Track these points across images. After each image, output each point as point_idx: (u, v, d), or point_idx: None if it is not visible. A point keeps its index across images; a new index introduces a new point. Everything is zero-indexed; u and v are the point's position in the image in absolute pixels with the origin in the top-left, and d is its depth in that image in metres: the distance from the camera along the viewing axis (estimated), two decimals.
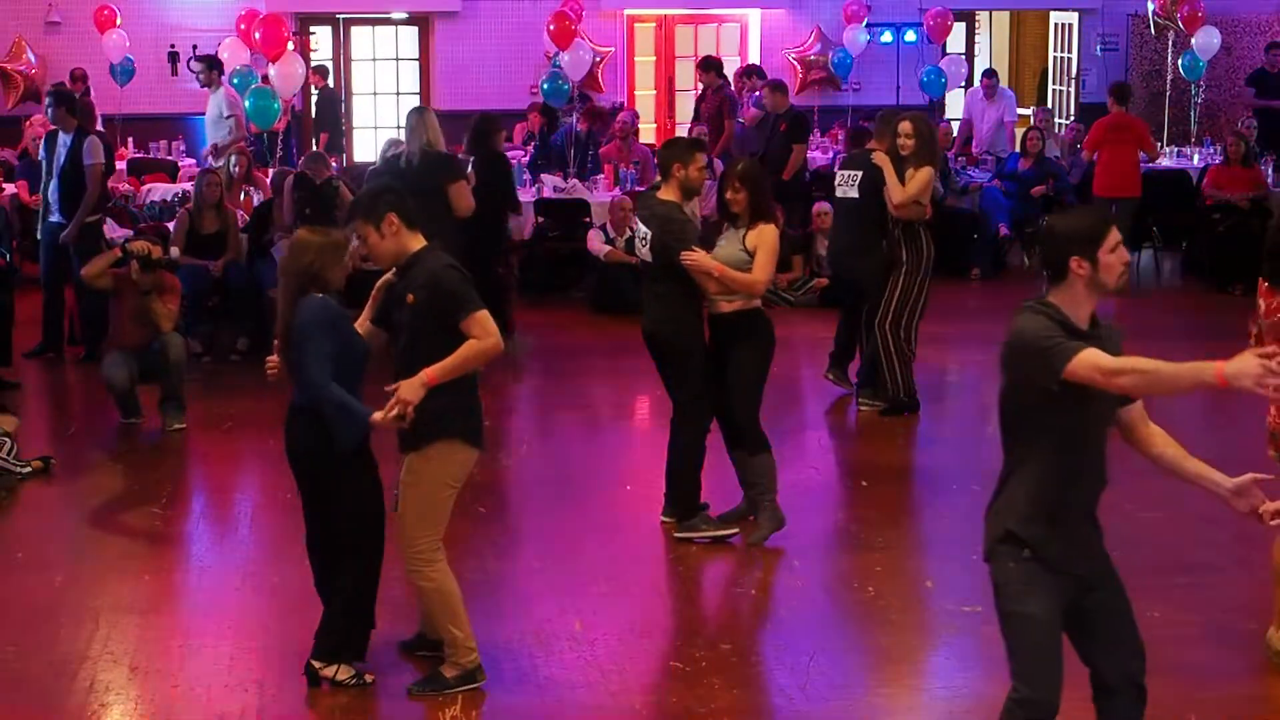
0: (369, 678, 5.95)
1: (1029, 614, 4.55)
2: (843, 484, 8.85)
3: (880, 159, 9.66)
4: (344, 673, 5.92)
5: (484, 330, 5.67)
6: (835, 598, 6.94)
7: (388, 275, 5.97)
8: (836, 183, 10.18)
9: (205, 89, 14.53)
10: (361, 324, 6.03)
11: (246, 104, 13.94)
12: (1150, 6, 17.00)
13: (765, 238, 7.41)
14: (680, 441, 7.58)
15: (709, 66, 16.40)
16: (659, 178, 7.65)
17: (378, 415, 5.59)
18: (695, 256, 7.29)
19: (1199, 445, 5.16)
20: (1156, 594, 6.81)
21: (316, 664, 5.93)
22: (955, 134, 16.99)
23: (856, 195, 9.87)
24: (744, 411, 7.53)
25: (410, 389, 5.56)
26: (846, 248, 10.19)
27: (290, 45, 16.46)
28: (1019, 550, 4.57)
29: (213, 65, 14.37)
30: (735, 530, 7.55)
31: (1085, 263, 4.45)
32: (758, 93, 15.82)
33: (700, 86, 16.62)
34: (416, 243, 5.77)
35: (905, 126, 9.65)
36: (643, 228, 7.51)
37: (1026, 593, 4.55)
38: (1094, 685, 4.69)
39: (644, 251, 7.51)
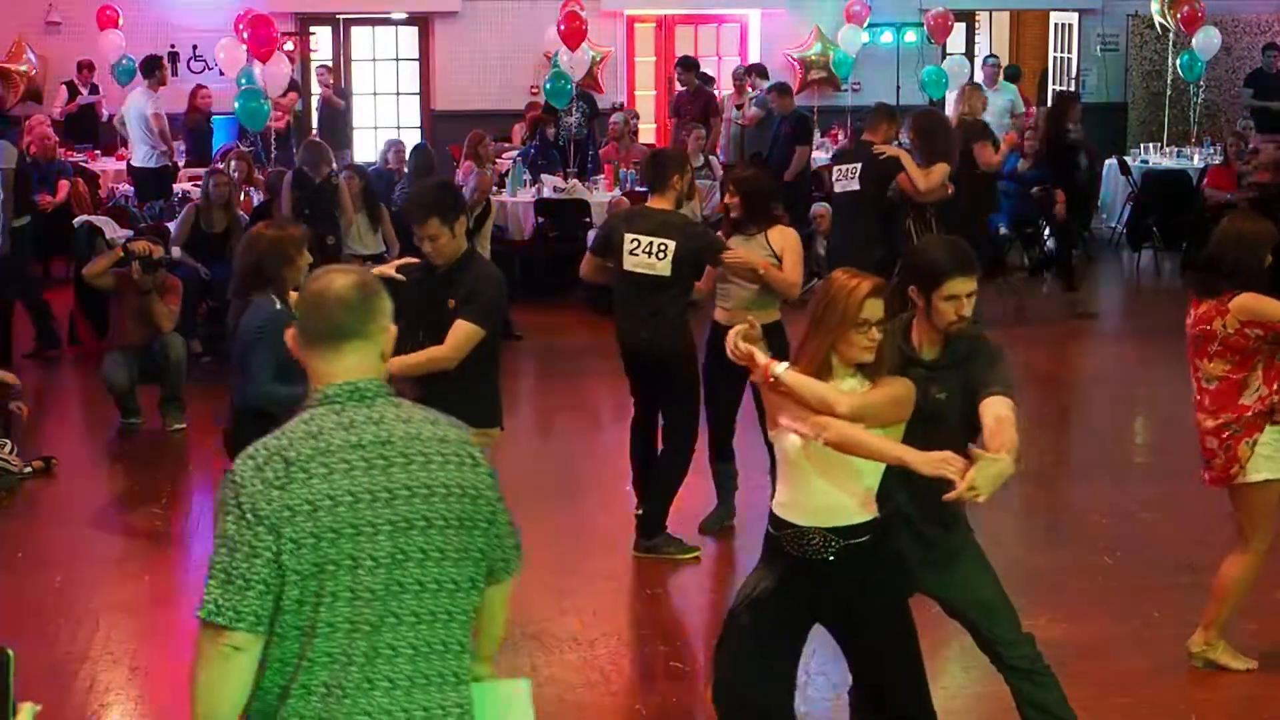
0: None
1: None
2: None
3: (895, 151, 9.70)
4: None
5: (454, 342, 5.80)
6: None
7: (386, 269, 6.03)
8: (834, 178, 10.14)
9: None
10: None
11: (236, 105, 14.00)
12: (1154, 7, 16.98)
13: (790, 240, 7.35)
14: (670, 460, 7.46)
15: (688, 66, 16.48)
16: (648, 187, 7.52)
17: None
18: (740, 254, 7.16)
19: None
20: (1156, 594, 6.83)
21: None
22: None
23: (858, 186, 9.84)
24: (719, 419, 7.57)
25: None
26: (847, 240, 10.05)
27: (290, 45, 16.51)
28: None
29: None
30: (697, 552, 7.46)
31: (921, 297, 4.50)
32: (759, 92, 15.84)
33: (679, 86, 16.73)
34: (465, 243, 5.97)
35: (908, 123, 9.85)
36: (649, 240, 7.17)
37: None
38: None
39: (660, 265, 7.15)
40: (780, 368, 4.31)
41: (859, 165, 9.85)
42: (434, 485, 3.09)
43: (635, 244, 7.23)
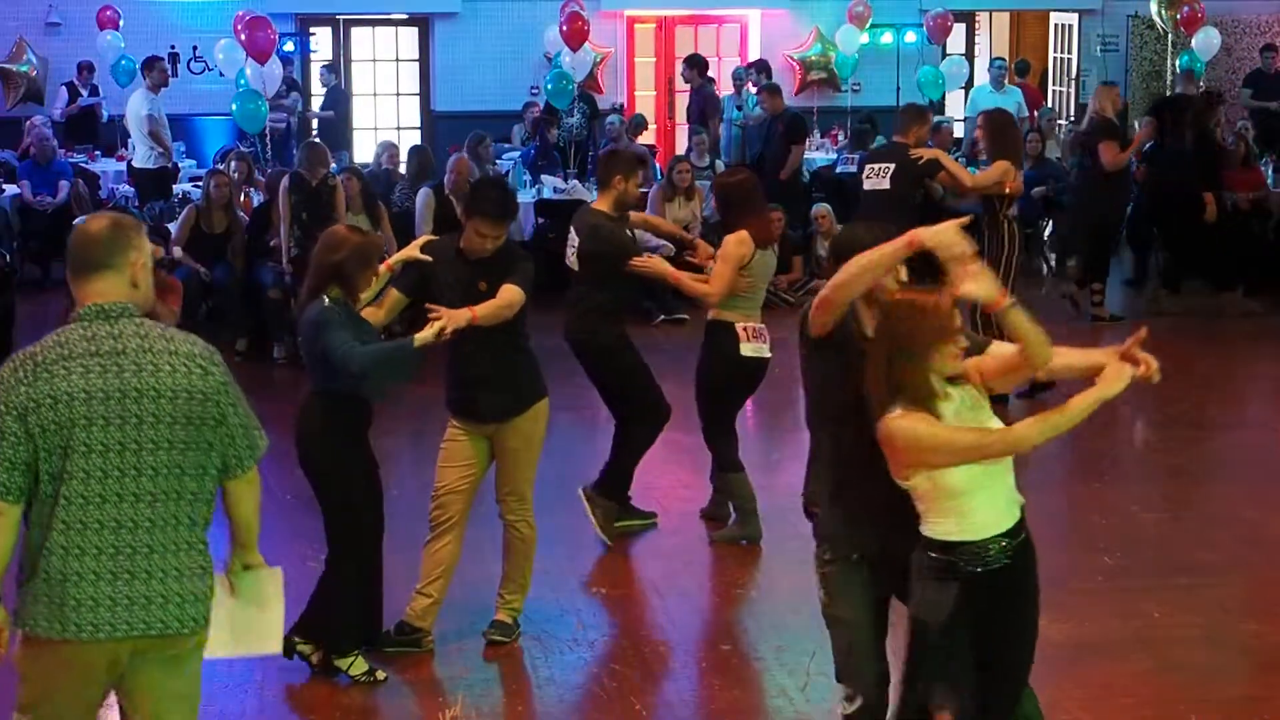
0: (380, 675, 5.97)
1: None
2: None
3: (933, 152, 9.79)
4: (358, 667, 5.93)
5: (510, 295, 5.97)
6: None
7: (409, 250, 6.18)
8: (864, 175, 10.22)
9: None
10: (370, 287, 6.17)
11: (234, 106, 14.00)
12: (1152, 8, 16.99)
13: (727, 247, 7.28)
14: (628, 439, 7.66)
15: (692, 64, 16.51)
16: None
17: (419, 334, 5.73)
18: (645, 262, 7.35)
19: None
20: (1156, 594, 6.82)
21: (334, 658, 5.97)
22: (960, 134, 16.98)
23: (888, 186, 9.88)
24: (703, 426, 7.61)
25: (457, 316, 5.75)
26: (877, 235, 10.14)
27: (290, 46, 16.50)
28: None
29: None
30: (653, 519, 7.68)
31: None
32: (755, 92, 15.85)
33: (683, 84, 16.79)
34: None
35: (979, 119, 10.33)
36: (572, 235, 7.50)
37: None
38: None
39: (572, 260, 7.50)
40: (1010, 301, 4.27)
41: (891, 165, 9.88)
42: (161, 388, 3.84)
43: (570, 237, 7.59)
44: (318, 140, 13.15)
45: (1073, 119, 18.23)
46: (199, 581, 3.95)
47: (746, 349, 7.35)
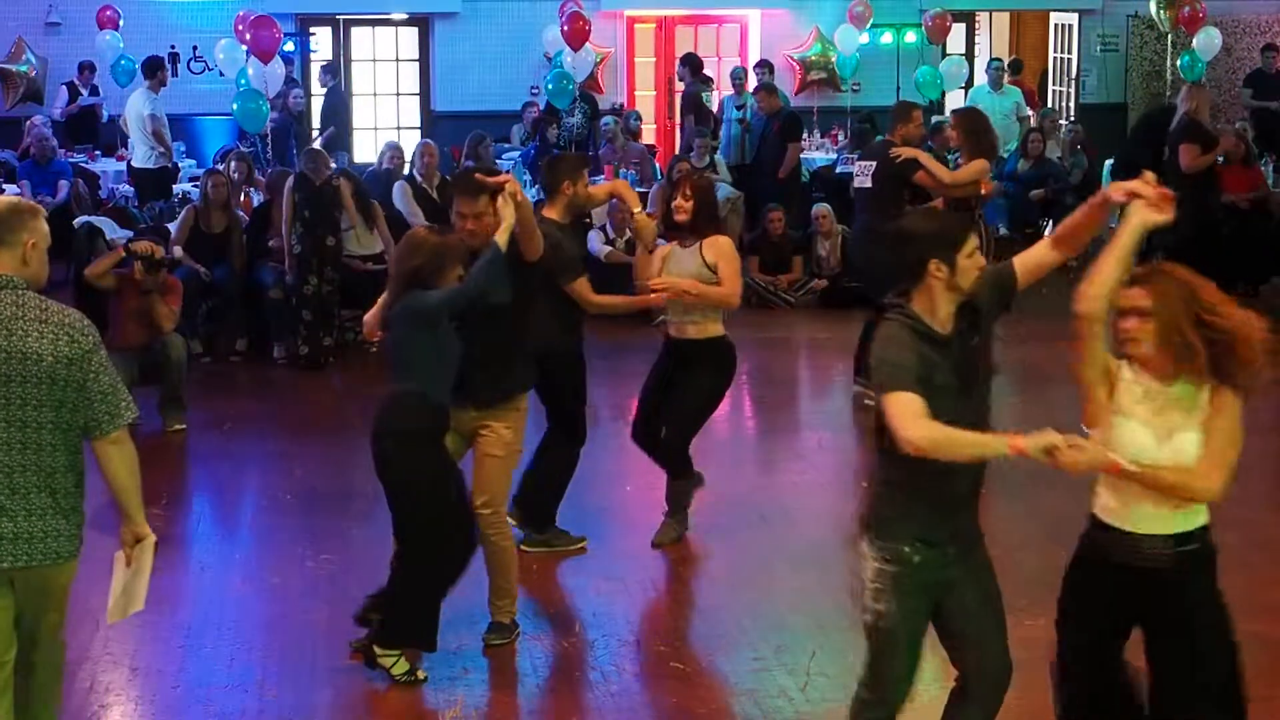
0: (421, 675, 5.98)
1: None
2: (843, 484, 8.84)
3: (912, 151, 9.77)
4: (400, 667, 5.93)
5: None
6: (835, 598, 6.93)
7: None
8: (855, 173, 10.27)
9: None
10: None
11: (235, 106, 14.00)
12: (1151, 8, 16.99)
13: (724, 250, 7.22)
14: (551, 459, 7.52)
15: (685, 63, 16.54)
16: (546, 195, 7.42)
17: (501, 236, 5.86)
18: (665, 282, 7.12)
19: None
20: None
21: (377, 649, 5.96)
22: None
23: (869, 184, 9.91)
24: (678, 437, 7.50)
25: (515, 183, 5.96)
26: (860, 235, 10.28)
27: (291, 45, 16.49)
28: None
29: None
30: (584, 541, 7.51)
31: (944, 266, 4.42)
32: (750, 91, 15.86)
33: (680, 84, 16.84)
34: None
35: (952, 119, 10.34)
36: None
37: None
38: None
39: None
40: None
41: (874, 163, 9.91)
42: (27, 352, 4.39)
43: None
44: (318, 149, 13.16)
45: (1072, 119, 18.23)
46: (63, 521, 4.64)
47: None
